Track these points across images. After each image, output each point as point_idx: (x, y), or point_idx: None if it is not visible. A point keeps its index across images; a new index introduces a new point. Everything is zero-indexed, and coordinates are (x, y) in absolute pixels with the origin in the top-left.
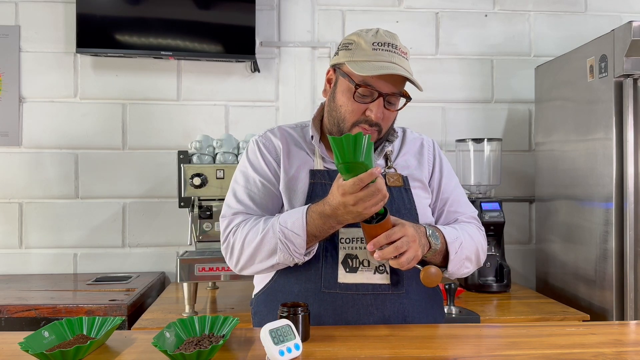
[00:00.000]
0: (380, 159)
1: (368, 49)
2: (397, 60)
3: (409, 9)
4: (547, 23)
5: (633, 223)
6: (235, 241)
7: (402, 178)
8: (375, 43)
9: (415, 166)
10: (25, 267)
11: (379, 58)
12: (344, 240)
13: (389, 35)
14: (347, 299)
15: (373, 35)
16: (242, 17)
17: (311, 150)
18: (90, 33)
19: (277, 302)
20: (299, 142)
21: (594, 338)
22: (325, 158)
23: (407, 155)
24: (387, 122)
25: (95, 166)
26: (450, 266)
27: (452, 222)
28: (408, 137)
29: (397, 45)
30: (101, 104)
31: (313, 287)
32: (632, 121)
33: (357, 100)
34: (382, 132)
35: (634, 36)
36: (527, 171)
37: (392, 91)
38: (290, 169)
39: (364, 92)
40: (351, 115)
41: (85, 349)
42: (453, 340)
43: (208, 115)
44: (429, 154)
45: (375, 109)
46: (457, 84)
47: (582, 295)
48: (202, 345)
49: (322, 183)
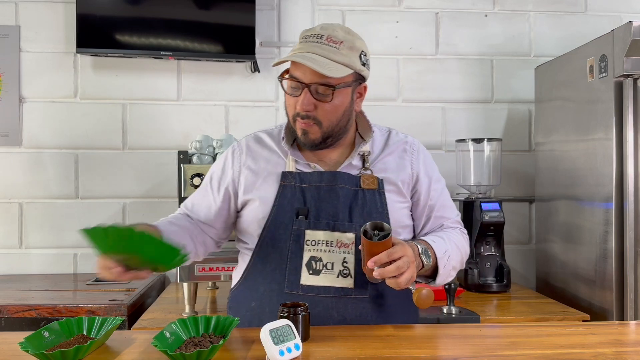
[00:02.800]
0: (355, 159)
1: (298, 42)
2: (317, 49)
3: (409, 9)
4: (547, 23)
5: (633, 223)
6: None
7: (377, 181)
8: (304, 36)
9: (394, 169)
10: (25, 267)
11: (301, 49)
12: (309, 242)
13: (324, 27)
14: (308, 301)
15: (308, 30)
16: (242, 17)
17: (284, 153)
18: (90, 33)
19: (245, 300)
20: (272, 145)
21: (594, 338)
22: (298, 160)
23: (388, 157)
24: (326, 115)
25: (95, 166)
26: (438, 279)
27: (438, 227)
28: (392, 139)
29: (326, 36)
30: (101, 104)
31: (277, 287)
32: (632, 121)
33: (290, 94)
34: (323, 126)
35: (634, 36)
36: (527, 171)
37: (313, 81)
38: (261, 172)
39: (294, 85)
40: (289, 109)
41: (85, 349)
42: (453, 340)
43: (208, 115)
44: (412, 160)
45: (300, 100)
46: (457, 84)
47: (582, 295)
48: (202, 345)
49: (292, 185)
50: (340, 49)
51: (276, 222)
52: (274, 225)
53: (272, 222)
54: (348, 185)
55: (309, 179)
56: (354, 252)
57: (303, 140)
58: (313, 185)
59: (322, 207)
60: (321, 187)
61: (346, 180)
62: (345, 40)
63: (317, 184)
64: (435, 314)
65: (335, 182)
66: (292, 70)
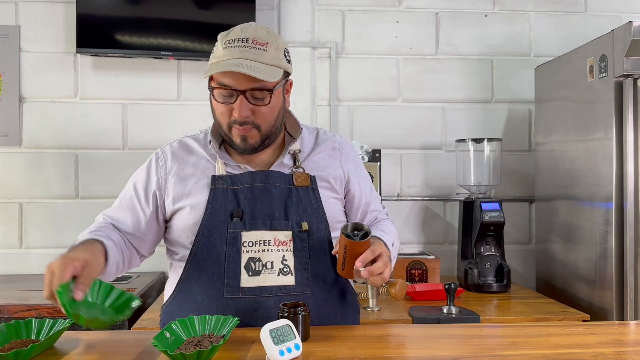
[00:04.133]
0: (286, 158)
1: (220, 49)
2: (246, 54)
3: (409, 9)
4: (547, 23)
5: (633, 223)
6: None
7: (309, 178)
8: (226, 42)
9: (325, 167)
10: (25, 267)
11: (227, 56)
12: (246, 243)
13: (244, 29)
14: (250, 303)
15: (227, 33)
16: (242, 17)
17: (212, 157)
18: (91, 33)
19: (183, 312)
20: (199, 150)
21: (594, 338)
22: (228, 163)
23: (318, 155)
24: (264, 119)
25: (95, 166)
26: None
27: (373, 221)
28: (321, 138)
29: (249, 38)
30: (101, 104)
31: (216, 293)
32: (632, 121)
33: (222, 102)
34: (262, 130)
35: (634, 36)
36: (527, 171)
37: (248, 87)
38: (189, 178)
39: (225, 93)
40: (222, 117)
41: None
42: (453, 340)
43: (208, 115)
44: (341, 157)
45: (237, 107)
46: (457, 84)
47: (582, 295)
48: (202, 345)
49: (223, 188)
50: (268, 51)
51: (210, 227)
52: (208, 230)
53: (206, 228)
54: (281, 184)
55: (240, 181)
56: (292, 250)
57: (242, 147)
58: (246, 186)
59: (257, 207)
60: (254, 187)
61: (279, 179)
62: (270, 40)
63: (249, 184)
64: (435, 314)
65: (268, 182)
66: (220, 78)
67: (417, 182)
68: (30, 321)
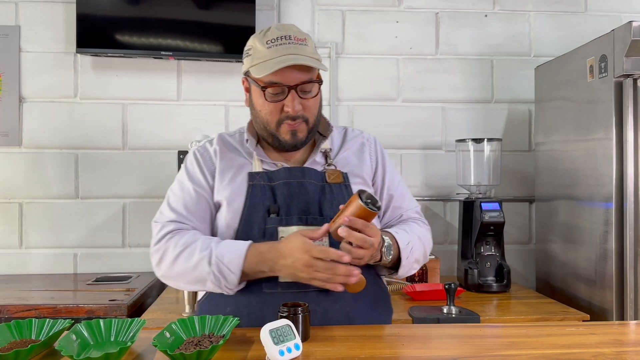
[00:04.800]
0: (318, 156)
1: (263, 50)
2: (294, 49)
3: (409, 9)
4: (547, 23)
5: (633, 223)
6: (167, 250)
7: (342, 175)
8: (268, 41)
9: (356, 163)
10: (25, 267)
11: (275, 54)
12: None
13: (281, 28)
14: (288, 298)
15: (264, 34)
16: (242, 17)
17: (249, 154)
18: (91, 33)
19: (221, 307)
20: (236, 147)
21: (594, 338)
22: (264, 160)
23: (347, 152)
24: (311, 111)
25: (95, 166)
26: (400, 271)
27: (397, 218)
28: (349, 136)
29: (291, 35)
30: (101, 104)
31: (255, 288)
32: (632, 121)
33: (271, 100)
34: (309, 122)
35: (634, 36)
36: (527, 171)
37: (300, 81)
38: (228, 174)
39: (275, 91)
40: (271, 116)
41: (26, 353)
42: (453, 340)
43: (208, 115)
44: (370, 151)
45: (290, 103)
46: (457, 84)
47: (582, 295)
48: (202, 345)
49: (260, 184)
50: (308, 45)
51: (249, 222)
52: (247, 225)
53: (245, 223)
54: (315, 181)
55: (277, 177)
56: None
57: (291, 142)
58: (282, 182)
59: (293, 203)
60: (290, 183)
61: (313, 176)
62: (306, 36)
63: (286, 180)
64: (435, 314)
65: (304, 178)
66: (270, 77)
67: (417, 182)
68: (30, 321)
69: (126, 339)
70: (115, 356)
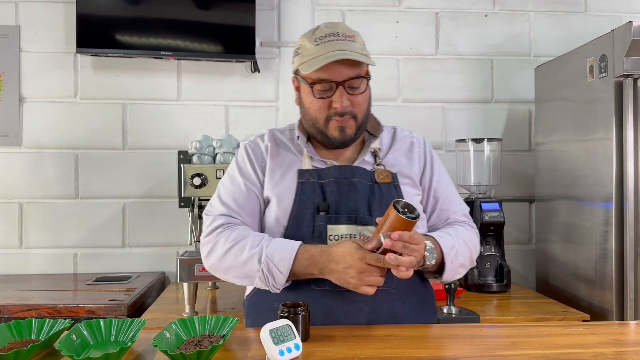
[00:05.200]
0: (367, 156)
1: (312, 47)
2: (341, 45)
3: (409, 9)
4: (547, 23)
5: (633, 223)
6: (217, 243)
7: (391, 175)
8: (316, 39)
9: (405, 164)
10: (25, 267)
11: (323, 51)
12: (332, 237)
13: (329, 26)
14: (336, 296)
15: (312, 32)
16: (242, 17)
17: (299, 151)
18: (90, 33)
19: (268, 302)
20: (286, 144)
21: (594, 338)
22: (314, 157)
23: (396, 152)
24: (360, 107)
25: (95, 166)
26: (445, 275)
27: (444, 221)
28: (398, 136)
29: (339, 32)
30: (101, 104)
31: (303, 285)
32: (632, 121)
33: (320, 97)
34: (358, 118)
35: (634, 36)
36: (527, 171)
37: (348, 77)
38: (278, 170)
39: (323, 87)
40: (320, 112)
41: (26, 353)
42: (453, 340)
43: (208, 115)
44: (419, 151)
45: (338, 99)
46: (457, 84)
47: (582, 295)
48: (202, 345)
49: (310, 182)
50: (356, 41)
51: (298, 219)
52: (296, 223)
53: (294, 220)
54: (365, 180)
55: (326, 175)
56: None
57: (340, 139)
58: (332, 180)
59: (342, 202)
60: (340, 181)
61: (363, 175)
62: (354, 33)
63: (335, 178)
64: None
65: (354, 177)
66: (318, 74)
67: None
68: (30, 321)
69: (126, 339)
70: (115, 356)
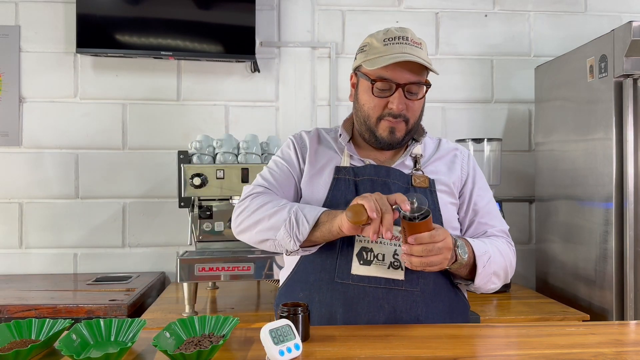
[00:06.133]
0: (407, 159)
1: (380, 46)
2: (409, 50)
3: (409, 9)
4: (547, 23)
5: (633, 223)
6: (251, 203)
7: (428, 180)
8: (386, 39)
9: (445, 172)
10: (25, 267)
11: (391, 51)
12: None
13: (400, 30)
14: (358, 291)
15: (384, 33)
16: (242, 17)
17: (340, 150)
18: (90, 33)
19: (295, 293)
20: (329, 142)
21: (594, 338)
22: (353, 156)
23: (438, 162)
24: (413, 112)
25: (95, 166)
26: (477, 280)
27: (481, 234)
28: (442, 146)
29: (409, 37)
30: (101, 104)
31: (327, 276)
32: (632, 121)
33: (377, 95)
34: (409, 123)
35: (634, 36)
36: (527, 171)
37: (409, 80)
38: (317, 164)
39: (382, 87)
40: (374, 110)
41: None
42: (453, 340)
43: (208, 115)
44: (462, 163)
45: (395, 100)
46: (457, 84)
47: (582, 295)
48: (202, 345)
49: (345, 178)
50: (423, 49)
51: None
52: None
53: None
54: (400, 182)
55: (362, 173)
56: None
57: (388, 139)
58: (367, 178)
59: None
60: (375, 180)
61: (399, 177)
62: (422, 41)
63: (371, 176)
64: None
65: (389, 177)
66: (381, 72)
67: None
68: (30, 321)
69: (126, 339)
70: (116, 356)
